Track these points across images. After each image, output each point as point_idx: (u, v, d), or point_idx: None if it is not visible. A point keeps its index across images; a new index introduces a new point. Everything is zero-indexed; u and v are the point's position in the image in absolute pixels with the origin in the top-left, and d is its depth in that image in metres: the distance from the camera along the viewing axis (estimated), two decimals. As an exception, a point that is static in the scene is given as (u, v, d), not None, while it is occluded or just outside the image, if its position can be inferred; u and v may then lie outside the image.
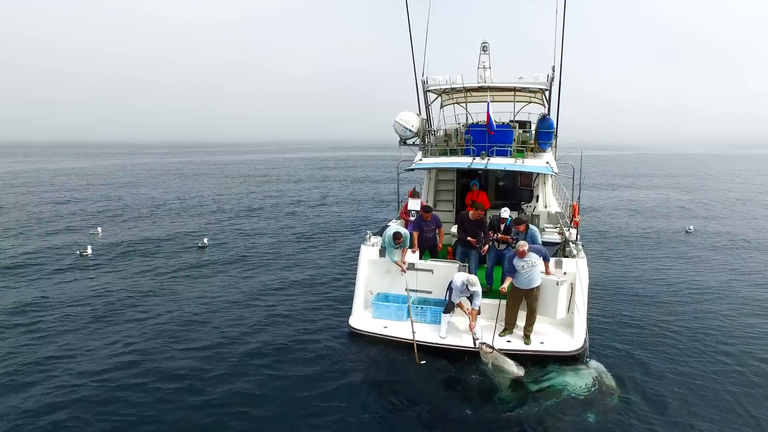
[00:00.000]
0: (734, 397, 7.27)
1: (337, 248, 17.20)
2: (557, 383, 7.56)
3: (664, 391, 7.41)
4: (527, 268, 8.32)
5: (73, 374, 7.96)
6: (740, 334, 9.54)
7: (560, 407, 6.97)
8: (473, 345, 8.16)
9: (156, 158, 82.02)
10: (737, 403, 7.13)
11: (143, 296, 11.70)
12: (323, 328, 9.73)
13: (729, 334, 9.56)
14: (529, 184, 12.88)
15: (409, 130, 12.51)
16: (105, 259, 15.25)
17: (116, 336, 9.42)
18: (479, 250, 9.70)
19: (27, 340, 9.26)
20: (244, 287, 12.50)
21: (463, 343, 8.40)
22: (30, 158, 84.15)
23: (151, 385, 7.62)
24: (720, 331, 9.67)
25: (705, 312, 10.76)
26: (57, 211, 25.04)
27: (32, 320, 10.19)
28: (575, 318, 8.52)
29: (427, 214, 10.11)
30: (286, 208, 27.46)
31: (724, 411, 6.93)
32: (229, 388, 7.51)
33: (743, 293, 12.13)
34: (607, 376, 7.75)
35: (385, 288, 9.65)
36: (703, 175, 55.64)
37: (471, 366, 8.00)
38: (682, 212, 26.73)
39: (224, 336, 9.41)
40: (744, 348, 8.89)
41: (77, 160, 77.67)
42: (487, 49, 12.78)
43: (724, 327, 9.91)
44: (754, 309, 10.98)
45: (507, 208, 10.05)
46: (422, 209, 10.28)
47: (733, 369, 8.13)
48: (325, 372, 7.96)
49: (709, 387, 7.54)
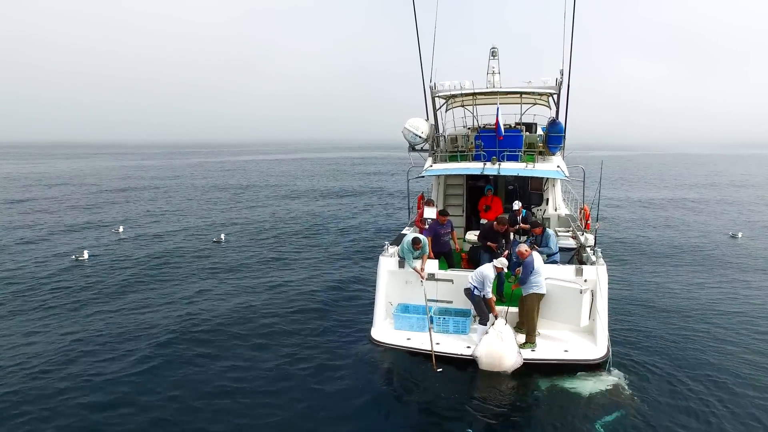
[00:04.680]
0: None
1: (350, 252, 17.29)
2: (577, 391, 7.59)
3: (684, 404, 7.31)
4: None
5: (87, 372, 8.16)
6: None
7: (579, 415, 7.02)
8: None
9: (157, 160, 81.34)
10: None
11: (161, 296, 12.04)
12: (343, 340, 9.73)
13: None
14: (539, 188, 12.93)
15: (418, 137, 12.51)
16: (123, 255, 15.91)
17: (133, 333, 9.71)
18: (501, 254, 9.75)
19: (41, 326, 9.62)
20: (259, 295, 12.48)
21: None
22: (39, 160, 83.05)
23: (164, 387, 7.78)
24: (760, 352, 8.92)
25: (745, 327, 10.12)
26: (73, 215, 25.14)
27: (48, 312, 10.66)
28: (597, 325, 8.56)
29: (443, 217, 10.39)
30: (298, 209, 27.52)
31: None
32: (250, 398, 7.57)
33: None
34: (628, 385, 7.76)
35: (405, 299, 9.62)
36: (728, 175, 53.75)
37: (495, 377, 7.99)
38: (722, 216, 25.36)
39: (244, 345, 9.42)
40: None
41: (76, 161, 76.81)
42: (496, 55, 12.78)
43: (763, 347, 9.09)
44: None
45: (518, 201, 10.85)
46: (439, 213, 10.52)
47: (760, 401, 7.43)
48: (347, 385, 7.97)
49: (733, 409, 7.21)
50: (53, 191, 34.24)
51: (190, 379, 8.08)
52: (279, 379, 8.14)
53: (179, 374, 8.21)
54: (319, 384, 7.98)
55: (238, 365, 8.58)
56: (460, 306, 9.37)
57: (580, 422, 6.90)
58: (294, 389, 7.84)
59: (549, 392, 7.62)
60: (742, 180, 48.10)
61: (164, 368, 8.36)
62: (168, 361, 8.65)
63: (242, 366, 8.55)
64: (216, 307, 11.29)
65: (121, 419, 6.96)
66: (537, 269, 8.49)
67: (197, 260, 15.32)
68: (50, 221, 22.54)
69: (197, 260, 15.32)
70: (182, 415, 7.13)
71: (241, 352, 9.13)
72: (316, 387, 7.90)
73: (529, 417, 7.14)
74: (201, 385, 7.90)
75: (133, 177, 47.36)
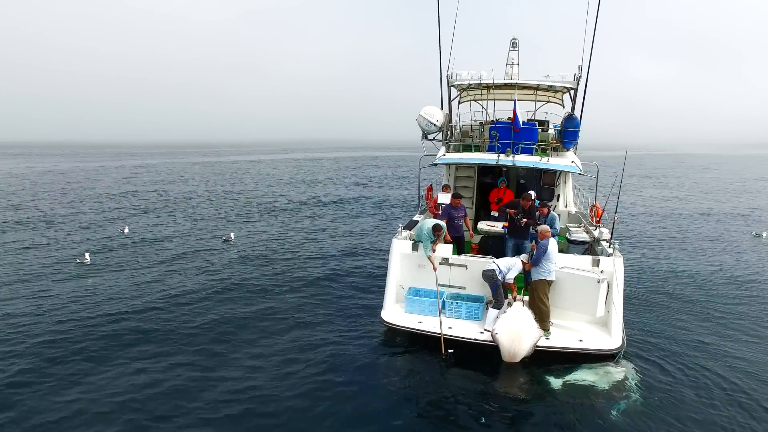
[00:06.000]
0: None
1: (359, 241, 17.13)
2: (590, 381, 7.51)
3: (696, 397, 7.22)
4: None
5: (97, 374, 7.82)
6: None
7: (592, 405, 6.94)
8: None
9: (157, 160, 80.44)
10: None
11: (175, 295, 11.50)
12: (353, 322, 9.61)
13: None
14: (551, 183, 12.85)
15: (433, 125, 12.39)
16: (131, 256, 15.32)
17: (146, 333, 9.32)
18: (520, 221, 9.76)
19: (51, 336, 9.13)
20: (271, 282, 12.32)
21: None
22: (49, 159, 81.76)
23: (178, 379, 7.55)
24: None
25: (765, 327, 9.96)
26: (75, 213, 24.52)
27: (60, 313, 10.13)
28: (612, 316, 8.49)
29: (456, 200, 10.43)
30: (304, 205, 27.27)
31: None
32: (261, 381, 7.46)
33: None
34: (641, 376, 7.69)
35: (418, 283, 9.49)
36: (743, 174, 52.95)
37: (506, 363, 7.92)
38: (745, 216, 24.48)
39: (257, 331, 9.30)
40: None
41: (76, 161, 75.80)
42: (517, 46, 12.71)
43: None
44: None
45: (533, 191, 10.43)
46: (452, 195, 10.54)
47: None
48: (357, 368, 7.87)
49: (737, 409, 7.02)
50: (54, 191, 33.58)
51: (207, 375, 7.82)
52: (289, 363, 8.02)
53: (193, 369, 7.97)
54: (330, 368, 7.86)
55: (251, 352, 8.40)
56: (474, 292, 9.25)
57: (593, 412, 6.81)
58: (303, 373, 7.72)
59: (562, 381, 7.53)
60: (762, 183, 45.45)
61: (177, 364, 8.06)
62: (181, 354, 8.42)
63: (254, 353, 8.37)
64: (230, 302, 11.02)
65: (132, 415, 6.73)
66: (549, 254, 8.45)
67: (209, 259, 14.69)
68: (51, 222, 21.90)
69: (209, 259, 14.69)
70: (198, 409, 6.91)
71: (254, 338, 8.97)
72: (325, 370, 7.78)
73: (541, 405, 7.03)
74: (216, 380, 7.66)
75: (133, 177, 46.67)
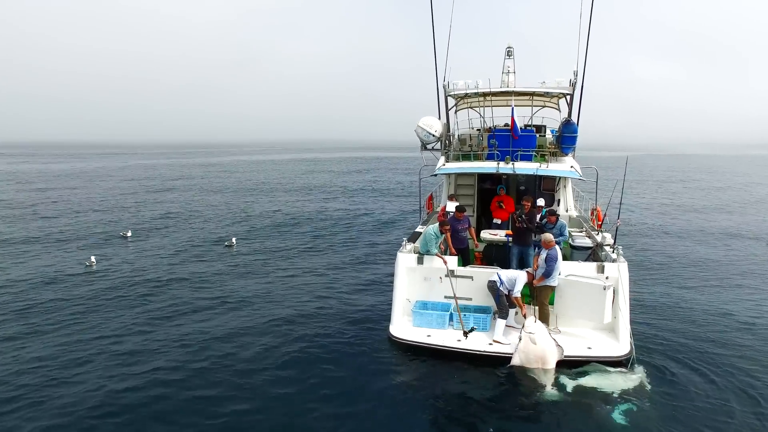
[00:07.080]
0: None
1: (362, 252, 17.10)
2: (600, 388, 7.52)
3: (705, 404, 7.19)
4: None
5: (104, 374, 7.97)
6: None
7: (601, 412, 6.94)
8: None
9: (158, 160, 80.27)
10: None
11: (174, 298, 11.70)
12: (361, 337, 9.56)
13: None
14: (551, 188, 12.91)
15: (432, 135, 12.47)
16: (134, 261, 15.45)
17: (148, 335, 9.54)
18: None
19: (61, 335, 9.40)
20: (274, 292, 12.30)
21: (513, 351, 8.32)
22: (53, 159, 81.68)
23: (183, 385, 7.68)
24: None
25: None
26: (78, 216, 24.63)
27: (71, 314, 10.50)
28: (619, 323, 8.52)
29: (459, 213, 10.48)
30: (308, 209, 27.20)
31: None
32: (270, 394, 7.48)
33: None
34: (650, 383, 7.68)
35: (424, 296, 9.52)
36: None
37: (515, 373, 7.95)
38: (759, 223, 23.59)
39: (261, 345, 9.20)
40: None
41: (75, 161, 75.72)
42: (512, 54, 12.79)
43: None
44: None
45: (542, 198, 10.69)
46: (456, 209, 10.58)
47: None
48: (365, 382, 7.86)
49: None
50: (54, 192, 33.50)
51: (211, 380, 7.90)
52: (295, 377, 7.99)
53: (197, 376, 8.01)
54: (337, 382, 7.84)
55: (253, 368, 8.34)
56: (480, 303, 9.29)
57: (602, 419, 6.82)
58: (311, 386, 7.71)
59: (572, 389, 7.53)
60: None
61: (175, 375, 8.06)
62: (186, 362, 8.45)
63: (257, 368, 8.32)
64: (233, 310, 11.02)
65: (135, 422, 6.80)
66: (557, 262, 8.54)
67: (211, 264, 14.75)
68: (53, 222, 21.94)
69: (211, 264, 14.75)
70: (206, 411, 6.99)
71: (258, 352, 8.91)
72: (333, 384, 7.77)
73: (551, 413, 7.04)
74: (219, 386, 7.72)
75: (133, 177, 46.61)
